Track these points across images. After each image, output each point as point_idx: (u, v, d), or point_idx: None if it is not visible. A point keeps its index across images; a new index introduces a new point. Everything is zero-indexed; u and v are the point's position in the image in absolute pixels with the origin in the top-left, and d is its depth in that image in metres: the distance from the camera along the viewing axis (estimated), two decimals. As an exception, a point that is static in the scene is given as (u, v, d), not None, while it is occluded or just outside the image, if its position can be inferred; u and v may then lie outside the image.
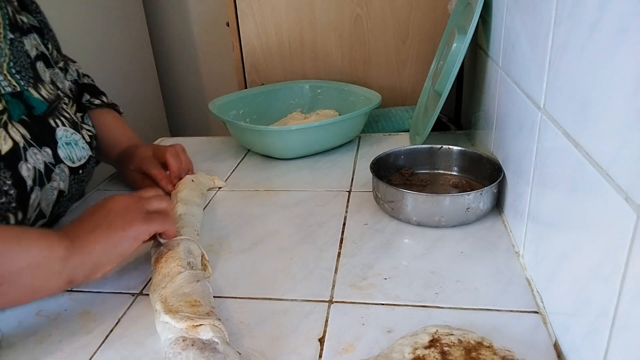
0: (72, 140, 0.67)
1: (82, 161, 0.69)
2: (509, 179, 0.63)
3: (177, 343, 0.42)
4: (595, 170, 0.36)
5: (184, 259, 0.53)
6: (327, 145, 0.91)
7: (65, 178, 0.66)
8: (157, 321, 0.47)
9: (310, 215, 0.69)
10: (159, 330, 0.46)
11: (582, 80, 0.40)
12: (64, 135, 0.66)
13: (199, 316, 0.44)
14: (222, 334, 0.44)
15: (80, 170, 0.69)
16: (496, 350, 0.41)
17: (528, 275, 0.53)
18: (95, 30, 1.60)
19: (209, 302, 0.48)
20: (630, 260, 0.31)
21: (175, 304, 0.46)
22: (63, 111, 0.68)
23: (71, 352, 0.47)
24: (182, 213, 0.64)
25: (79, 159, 0.68)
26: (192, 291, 0.48)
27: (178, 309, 0.45)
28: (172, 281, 0.50)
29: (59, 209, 0.67)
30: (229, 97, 1.01)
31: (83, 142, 0.69)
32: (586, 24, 0.39)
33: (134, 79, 1.82)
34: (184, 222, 0.62)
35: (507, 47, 0.64)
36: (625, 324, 0.32)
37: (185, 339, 0.42)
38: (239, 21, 1.14)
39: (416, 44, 1.10)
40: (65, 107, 0.69)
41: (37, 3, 0.75)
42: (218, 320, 0.45)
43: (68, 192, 0.67)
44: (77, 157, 0.68)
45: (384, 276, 0.55)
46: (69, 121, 0.68)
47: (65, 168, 0.66)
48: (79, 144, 0.68)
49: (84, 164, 0.69)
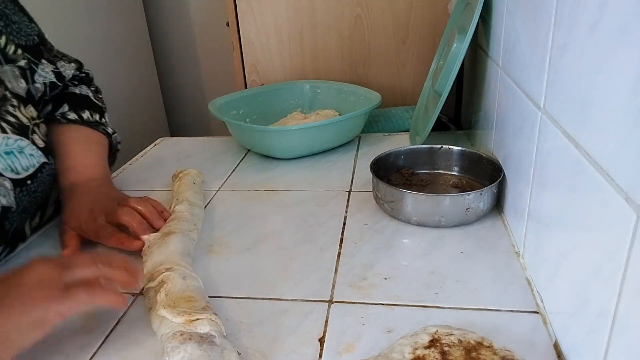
0: (16, 148, 0.60)
1: (31, 170, 0.62)
2: (509, 179, 0.63)
3: (174, 337, 0.42)
4: (595, 170, 0.36)
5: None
6: (327, 145, 0.91)
7: (7, 192, 0.59)
8: (153, 317, 0.47)
9: (310, 215, 0.69)
10: (155, 327, 0.46)
11: (582, 80, 0.40)
12: (3, 143, 0.59)
13: (196, 311, 0.45)
14: (219, 328, 0.44)
15: (29, 181, 0.61)
16: (496, 350, 0.41)
17: (528, 275, 0.53)
18: (96, 30, 1.60)
19: (204, 298, 0.49)
20: (630, 260, 0.31)
21: (172, 299, 0.47)
22: (6, 115, 0.61)
23: (71, 352, 0.47)
24: (187, 213, 0.65)
25: (25, 168, 0.61)
26: (185, 288, 0.49)
27: (175, 305, 0.46)
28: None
29: (12, 226, 0.61)
30: (229, 97, 1.01)
31: (32, 149, 0.62)
32: (586, 24, 0.39)
33: (134, 79, 1.83)
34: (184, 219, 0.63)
35: (507, 47, 0.64)
36: (625, 324, 0.32)
37: (182, 333, 0.43)
38: (239, 21, 1.14)
39: (416, 44, 1.10)
40: (12, 110, 0.62)
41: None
42: (214, 314, 0.45)
43: (17, 206, 0.60)
44: (22, 167, 0.60)
45: (384, 276, 0.55)
46: (12, 126, 0.61)
47: (6, 181, 0.58)
48: (24, 152, 0.61)
49: (32, 174, 0.62)
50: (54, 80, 0.71)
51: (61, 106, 0.72)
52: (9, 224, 0.61)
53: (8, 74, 0.64)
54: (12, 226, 0.61)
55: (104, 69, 0.83)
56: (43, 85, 0.70)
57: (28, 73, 0.68)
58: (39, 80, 0.69)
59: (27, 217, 0.65)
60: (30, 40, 0.70)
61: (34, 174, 0.62)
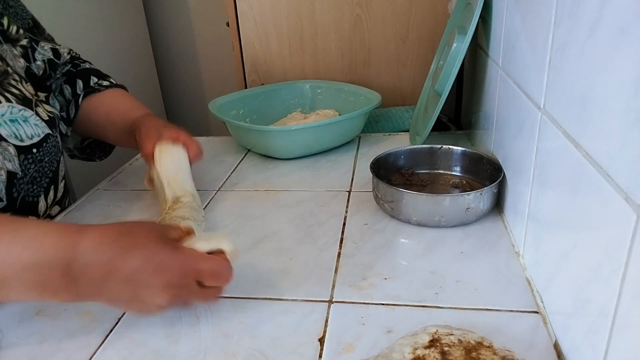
0: (20, 117, 0.63)
1: (35, 139, 0.64)
2: (509, 179, 0.63)
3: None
4: (595, 170, 0.36)
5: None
6: (327, 145, 0.91)
7: (11, 157, 0.61)
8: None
9: (310, 215, 0.69)
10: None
11: (582, 80, 0.40)
12: (8, 111, 0.62)
13: None
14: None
15: (34, 149, 0.64)
16: (496, 350, 0.41)
17: (528, 275, 0.53)
18: (96, 30, 1.60)
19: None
20: (630, 260, 0.31)
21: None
22: (10, 87, 0.64)
23: (71, 352, 0.47)
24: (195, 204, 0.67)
25: (30, 136, 0.63)
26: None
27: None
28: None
29: (20, 193, 0.63)
30: (229, 97, 1.01)
31: (37, 119, 0.65)
32: (586, 24, 0.39)
33: (134, 79, 1.82)
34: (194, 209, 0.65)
35: (507, 47, 0.64)
36: (625, 324, 0.32)
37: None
38: (239, 21, 1.14)
39: (416, 44, 1.10)
40: (15, 84, 0.65)
41: None
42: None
43: (24, 174, 0.63)
44: (26, 135, 0.63)
45: (384, 276, 0.55)
46: (16, 97, 0.64)
47: (10, 147, 0.61)
48: (29, 121, 0.63)
49: (38, 142, 0.64)
50: (51, 58, 0.76)
51: (90, 79, 0.81)
52: (17, 192, 0.63)
53: (7, 53, 0.67)
54: (20, 194, 0.63)
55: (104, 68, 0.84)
56: (43, 63, 0.74)
57: (29, 52, 0.72)
58: (38, 58, 0.73)
59: (39, 189, 0.67)
60: (26, 23, 0.74)
61: (39, 143, 0.65)
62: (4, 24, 0.69)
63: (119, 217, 0.73)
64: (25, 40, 0.71)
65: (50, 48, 0.76)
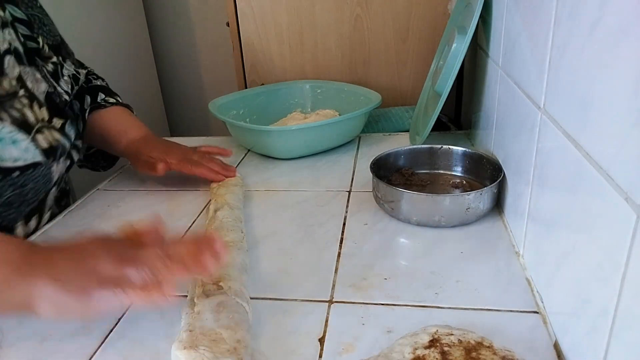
0: (9, 138, 0.61)
1: (19, 163, 0.62)
2: (509, 179, 0.63)
3: None
4: (595, 170, 0.36)
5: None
6: (327, 145, 0.91)
7: None
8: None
9: (310, 215, 0.69)
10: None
11: (582, 80, 0.40)
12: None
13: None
14: None
15: (16, 173, 0.62)
16: (496, 350, 0.41)
17: (528, 275, 0.53)
18: (95, 30, 1.60)
19: (234, 336, 0.43)
20: (630, 260, 0.31)
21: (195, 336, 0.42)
22: (11, 109, 0.62)
23: (71, 352, 0.47)
24: (230, 219, 0.63)
25: (14, 159, 0.61)
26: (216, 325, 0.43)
27: (195, 343, 0.41)
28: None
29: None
30: (229, 97, 1.01)
31: (30, 145, 0.63)
32: (586, 24, 0.39)
33: (134, 79, 1.82)
34: (230, 226, 0.62)
35: (507, 47, 0.64)
36: (625, 324, 0.32)
37: None
38: (239, 21, 1.14)
39: (416, 44, 1.10)
40: (19, 107, 0.63)
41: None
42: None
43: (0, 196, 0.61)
44: (10, 156, 0.61)
45: (384, 276, 0.55)
46: (13, 118, 0.62)
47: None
48: (19, 144, 0.62)
49: (22, 167, 0.62)
50: (74, 73, 0.79)
51: (97, 95, 0.83)
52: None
53: (29, 75, 0.68)
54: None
55: (103, 69, 0.84)
56: (69, 78, 0.76)
57: (59, 68, 0.75)
58: (65, 74, 0.76)
59: (17, 215, 0.65)
60: (56, 40, 0.76)
61: (23, 167, 0.63)
62: (39, 43, 0.71)
63: (119, 217, 0.73)
64: (55, 57, 0.74)
65: (70, 75, 0.77)
